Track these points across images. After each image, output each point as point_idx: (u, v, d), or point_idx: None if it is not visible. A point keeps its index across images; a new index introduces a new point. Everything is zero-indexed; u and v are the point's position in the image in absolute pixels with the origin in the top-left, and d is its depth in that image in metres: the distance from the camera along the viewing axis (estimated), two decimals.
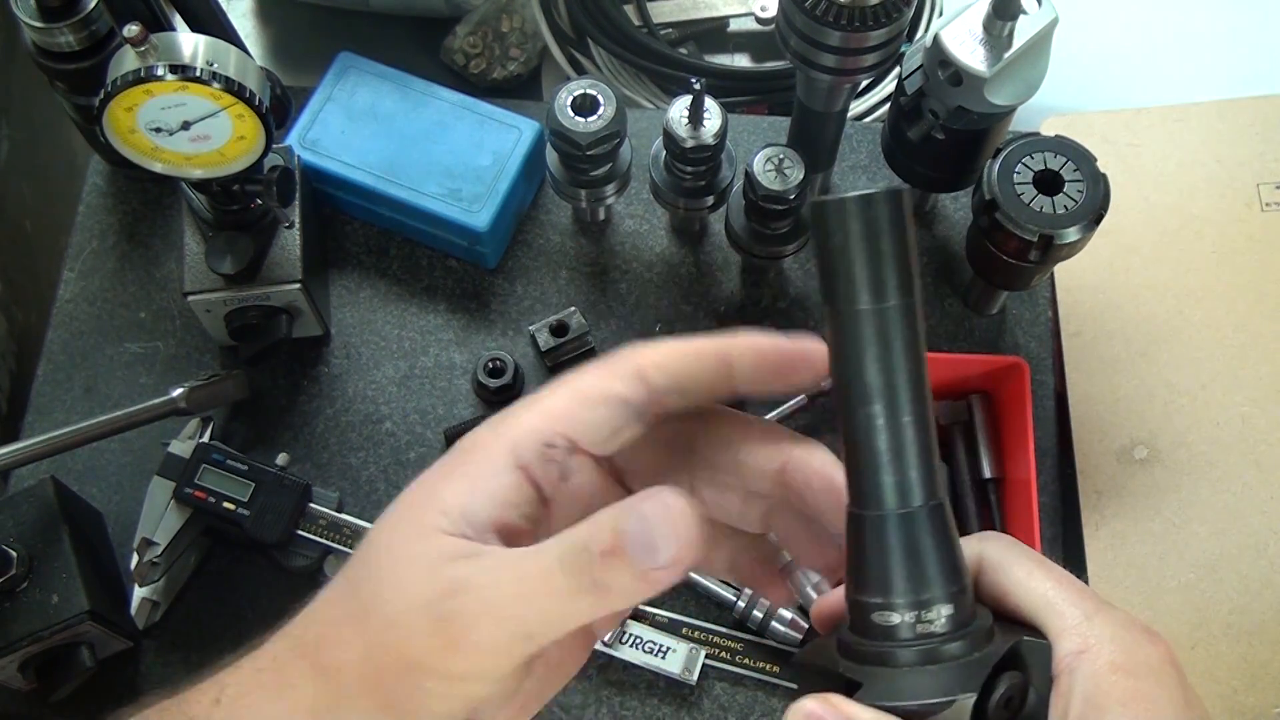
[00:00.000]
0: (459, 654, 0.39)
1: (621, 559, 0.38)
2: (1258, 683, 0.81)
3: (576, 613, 0.39)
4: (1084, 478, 0.87)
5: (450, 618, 0.39)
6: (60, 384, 0.90)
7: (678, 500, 0.38)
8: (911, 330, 0.38)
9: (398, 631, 0.40)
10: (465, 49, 1.08)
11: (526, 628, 0.39)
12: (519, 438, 0.42)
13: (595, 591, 0.38)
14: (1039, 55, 0.76)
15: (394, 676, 0.40)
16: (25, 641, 0.75)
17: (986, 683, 0.38)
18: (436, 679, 0.40)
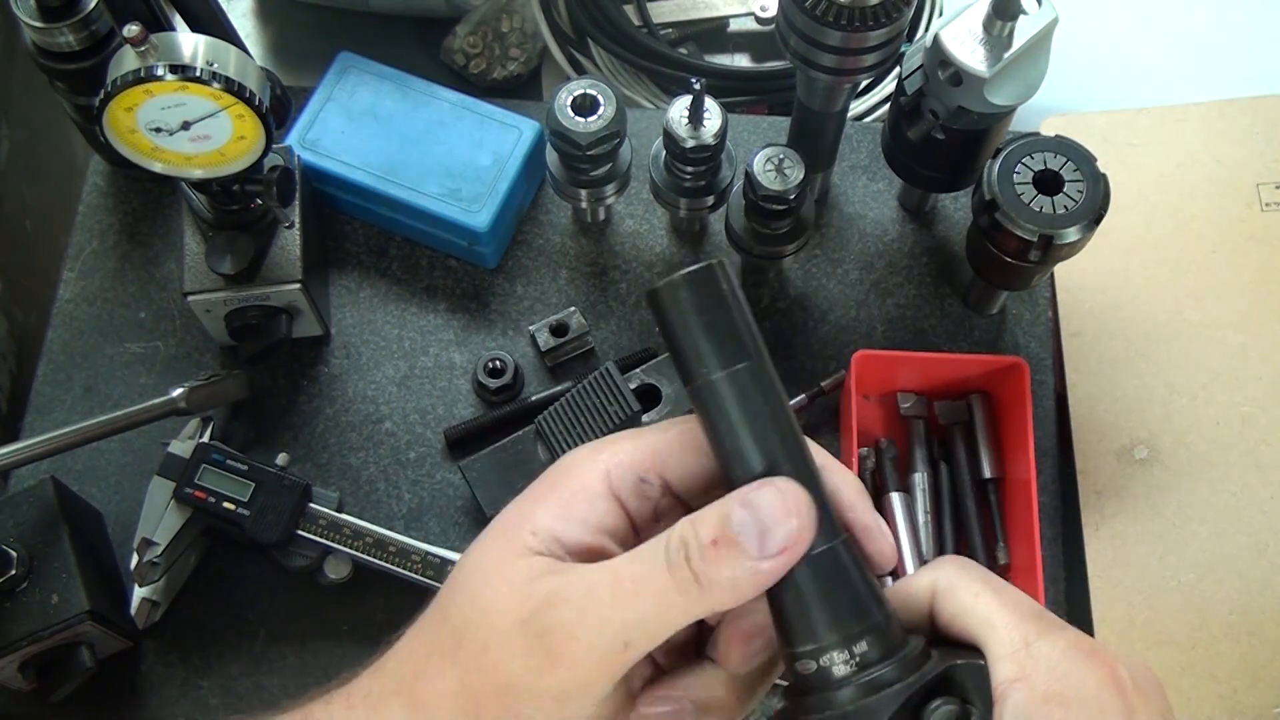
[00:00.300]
0: (557, 668, 0.38)
1: (729, 549, 0.37)
2: (1258, 683, 0.81)
3: (676, 612, 0.38)
4: (1084, 478, 0.87)
5: (546, 632, 0.38)
6: (60, 384, 0.90)
7: (790, 485, 0.38)
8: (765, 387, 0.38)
9: (491, 654, 0.39)
10: (465, 49, 1.08)
11: (625, 633, 0.38)
12: (615, 466, 0.41)
13: (697, 587, 0.37)
14: (1039, 55, 0.76)
15: (490, 703, 0.39)
16: (25, 641, 0.75)
17: (919, 707, 0.38)
18: (534, 699, 0.39)
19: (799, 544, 0.38)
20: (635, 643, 0.38)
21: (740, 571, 0.37)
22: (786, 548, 0.37)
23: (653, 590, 0.38)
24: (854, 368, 0.84)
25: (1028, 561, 0.81)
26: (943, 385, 0.88)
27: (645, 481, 0.41)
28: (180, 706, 0.82)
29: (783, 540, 0.37)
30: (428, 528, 0.86)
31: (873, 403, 0.90)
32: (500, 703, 0.39)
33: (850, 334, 0.92)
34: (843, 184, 0.97)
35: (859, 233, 0.95)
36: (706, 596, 0.38)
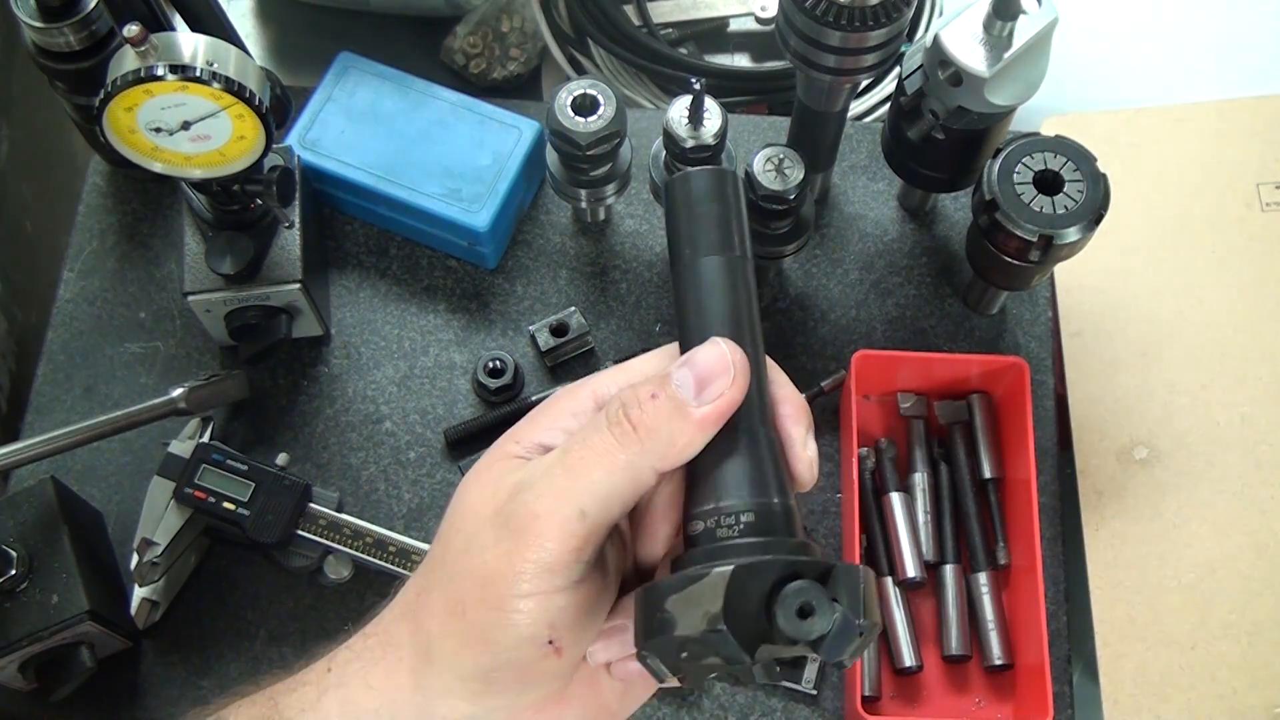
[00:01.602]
0: (524, 547, 0.40)
1: (667, 400, 0.39)
2: (1258, 683, 0.81)
3: (620, 470, 0.40)
4: (1084, 478, 0.87)
5: (511, 515, 0.41)
6: (60, 384, 0.90)
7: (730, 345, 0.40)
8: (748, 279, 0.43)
9: (471, 554, 0.41)
10: (465, 49, 1.08)
11: (578, 500, 0.40)
12: (599, 386, 0.44)
13: (636, 439, 0.39)
14: (1039, 55, 0.76)
15: (476, 603, 0.41)
16: (25, 641, 0.75)
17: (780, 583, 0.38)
18: (510, 584, 0.40)
19: (732, 395, 0.40)
20: (589, 510, 0.40)
21: (676, 420, 0.39)
22: (721, 395, 0.39)
23: (596, 452, 0.40)
24: (854, 368, 0.84)
25: (1028, 561, 0.81)
26: (943, 385, 0.88)
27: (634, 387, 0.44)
28: (180, 706, 0.82)
29: (718, 389, 0.39)
30: (428, 528, 0.86)
31: (873, 403, 0.90)
32: (482, 597, 0.41)
33: (850, 334, 0.92)
34: (843, 184, 0.97)
35: (859, 233, 0.95)
36: (646, 447, 0.40)
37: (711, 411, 0.40)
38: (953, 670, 0.84)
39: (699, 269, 0.42)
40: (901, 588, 0.83)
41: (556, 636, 0.41)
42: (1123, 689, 0.82)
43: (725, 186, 0.43)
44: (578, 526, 0.40)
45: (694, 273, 0.42)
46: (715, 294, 0.42)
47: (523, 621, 0.41)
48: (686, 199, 0.43)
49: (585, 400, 0.44)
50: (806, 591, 0.37)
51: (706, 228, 0.43)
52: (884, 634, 0.83)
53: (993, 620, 0.83)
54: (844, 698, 0.82)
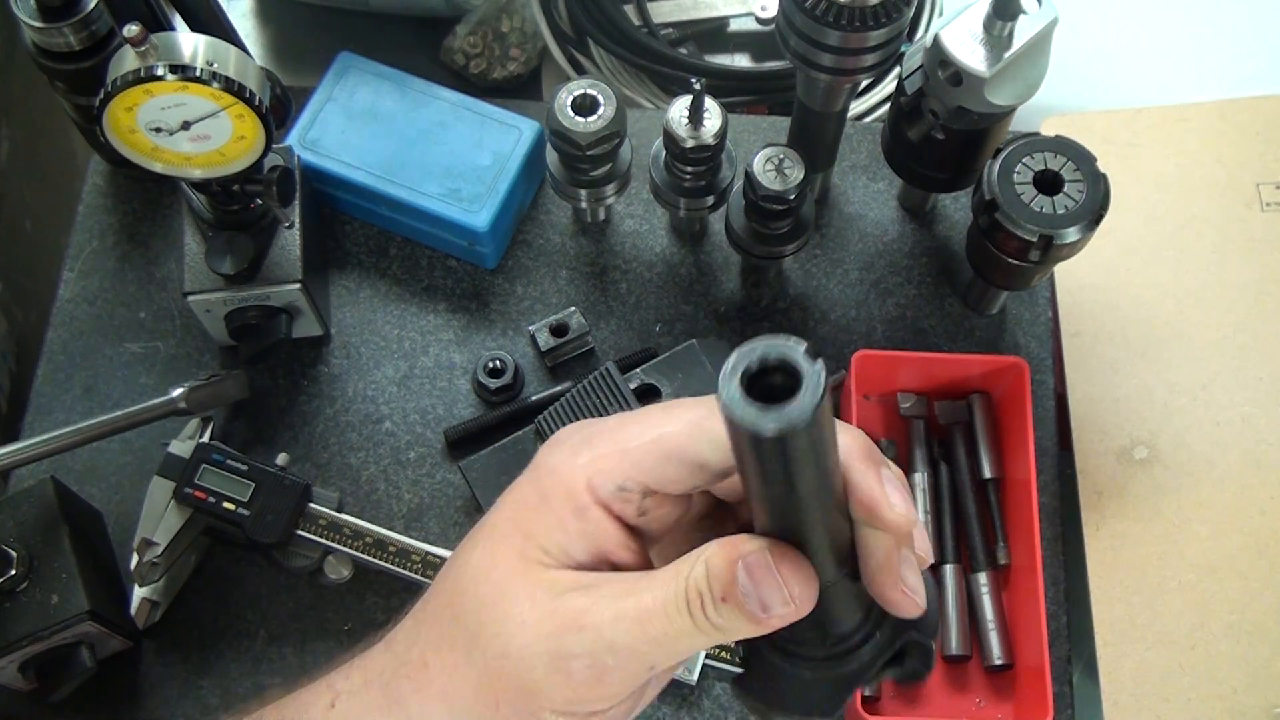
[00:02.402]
0: (580, 690, 0.41)
1: (737, 607, 0.40)
2: (1258, 683, 0.81)
3: (696, 647, 0.41)
4: (1084, 478, 0.87)
5: (572, 656, 0.41)
6: (60, 384, 0.90)
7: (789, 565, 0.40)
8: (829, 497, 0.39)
9: (516, 664, 0.41)
10: (465, 49, 1.08)
11: (650, 660, 0.41)
12: (595, 479, 0.43)
13: (715, 631, 0.41)
14: (1039, 55, 0.76)
15: (509, 706, 0.42)
16: (25, 641, 0.75)
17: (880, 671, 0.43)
18: (555, 705, 0.41)
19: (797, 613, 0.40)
20: (659, 666, 0.42)
21: (747, 625, 0.40)
22: (784, 616, 0.40)
23: (675, 629, 0.40)
24: (854, 368, 0.84)
25: (1028, 561, 0.81)
26: (943, 385, 0.88)
27: (624, 489, 0.43)
28: (180, 706, 0.82)
29: (779, 610, 0.40)
30: (428, 528, 0.86)
31: (873, 403, 0.90)
32: (519, 703, 0.42)
33: (850, 334, 0.92)
34: (843, 184, 0.97)
35: (859, 233, 0.95)
36: (723, 638, 0.41)
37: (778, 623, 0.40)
38: (953, 670, 0.84)
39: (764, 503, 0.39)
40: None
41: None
42: (1123, 689, 0.82)
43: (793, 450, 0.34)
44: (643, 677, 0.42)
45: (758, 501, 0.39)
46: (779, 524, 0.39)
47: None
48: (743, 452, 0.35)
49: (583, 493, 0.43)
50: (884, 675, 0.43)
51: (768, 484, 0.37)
52: None
53: (993, 620, 0.83)
54: None
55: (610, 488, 0.42)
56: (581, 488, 0.42)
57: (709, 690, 0.82)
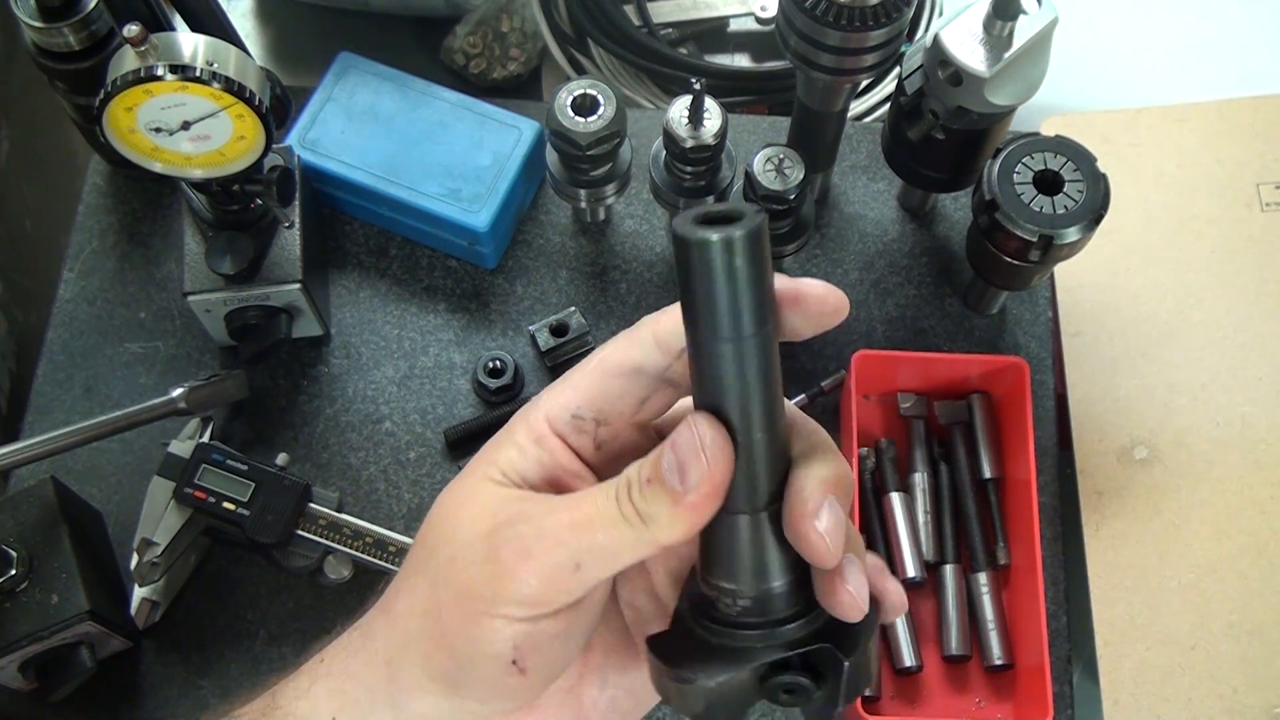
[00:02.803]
0: (510, 579, 0.41)
1: (660, 486, 0.40)
2: (1258, 683, 0.81)
3: (625, 545, 0.41)
4: (1084, 478, 0.87)
5: (505, 543, 0.42)
6: (60, 384, 0.90)
7: (706, 424, 0.40)
8: (762, 361, 0.40)
9: (456, 565, 0.43)
10: (465, 49, 1.08)
11: (578, 556, 0.41)
12: (552, 410, 0.45)
13: (640, 521, 0.41)
14: (1039, 55, 0.76)
15: (451, 611, 0.42)
16: (25, 641, 0.75)
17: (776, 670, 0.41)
18: (489, 605, 0.41)
19: (713, 478, 0.40)
20: (586, 566, 0.41)
21: (668, 507, 0.40)
22: (702, 482, 0.40)
23: (604, 521, 0.41)
24: (854, 368, 0.84)
25: (1028, 561, 0.81)
26: (943, 385, 0.88)
27: (578, 417, 0.45)
28: (180, 706, 0.82)
29: (696, 476, 0.40)
30: None
31: (873, 403, 0.90)
32: (460, 607, 0.42)
33: (850, 334, 0.92)
34: (843, 184, 0.97)
35: (859, 233, 0.95)
36: (649, 530, 0.41)
37: (698, 499, 0.40)
38: (953, 670, 0.84)
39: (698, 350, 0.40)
40: (901, 588, 0.83)
41: (521, 659, 0.42)
42: (1123, 689, 0.82)
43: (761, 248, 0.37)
44: (570, 576, 0.41)
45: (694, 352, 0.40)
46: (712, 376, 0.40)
47: (488, 640, 0.42)
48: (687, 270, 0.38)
49: (541, 424, 0.45)
50: (789, 683, 0.41)
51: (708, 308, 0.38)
52: (884, 634, 0.83)
53: (993, 620, 0.83)
54: None
55: (565, 417, 0.44)
56: (540, 418, 0.45)
57: None
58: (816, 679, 0.41)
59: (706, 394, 0.40)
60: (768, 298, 0.39)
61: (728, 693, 0.41)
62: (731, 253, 0.37)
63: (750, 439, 0.40)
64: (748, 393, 0.40)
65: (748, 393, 0.40)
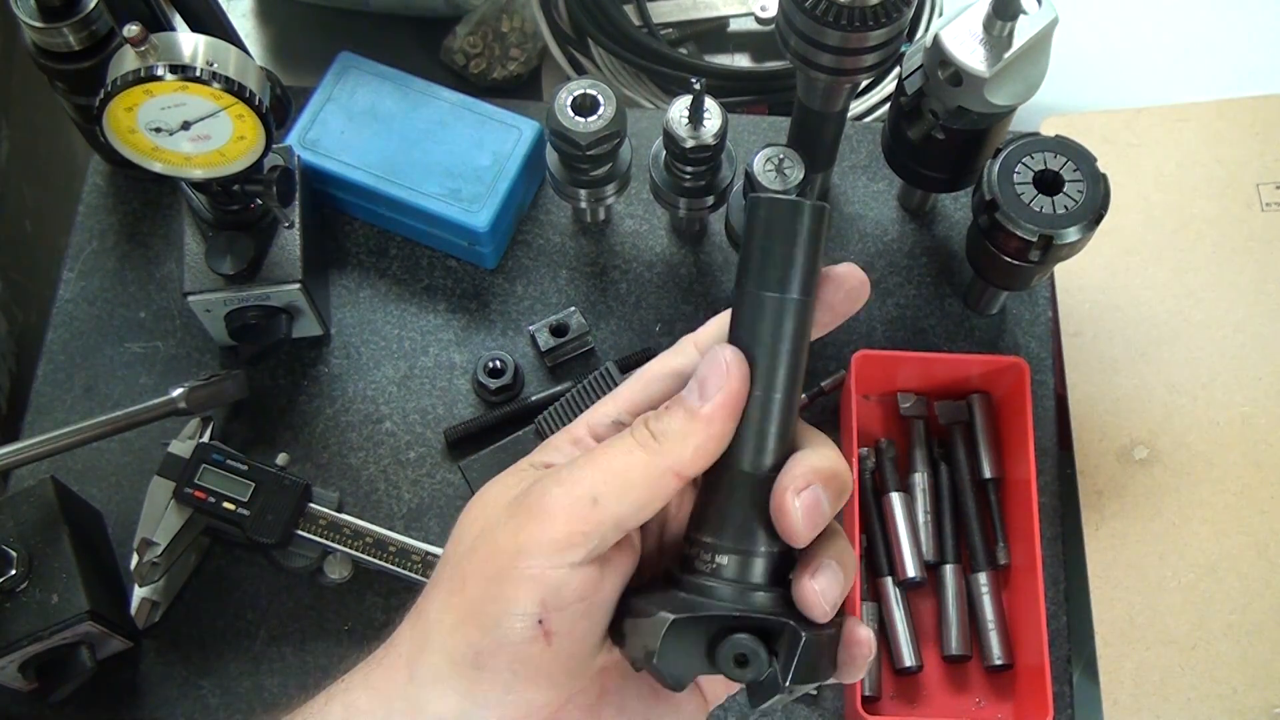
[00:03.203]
0: (531, 524, 0.42)
1: (678, 406, 0.42)
2: (1258, 683, 0.81)
3: (638, 468, 0.42)
4: (1084, 478, 0.87)
5: (525, 497, 0.43)
6: (60, 384, 0.90)
7: (732, 352, 0.42)
8: (797, 324, 0.43)
9: (480, 540, 0.43)
10: (465, 49, 1.08)
11: (594, 488, 0.42)
12: (594, 419, 0.47)
13: (654, 441, 0.42)
14: (1039, 55, 0.76)
15: (475, 577, 0.43)
16: (25, 641, 0.75)
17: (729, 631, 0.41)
18: (512, 558, 0.42)
19: (730, 388, 0.42)
20: (603, 498, 0.42)
21: (686, 420, 0.42)
22: (720, 394, 0.42)
23: (619, 449, 0.43)
24: (854, 368, 0.84)
25: (1028, 561, 0.81)
26: (943, 385, 0.88)
27: (619, 422, 0.46)
28: (180, 706, 0.82)
29: (715, 387, 0.42)
30: (428, 528, 0.86)
31: (873, 403, 0.90)
32: (485, 571, 0.42)
33: (850, 334, 0.92)
34: (843, 184, 0.97)
35: (859, 233, 0.95)
36: (663, 448, 0.42)
37: (715, 407, 0.42)
38: (953, 670, 0.84)
39: (743, 297, 0.43)
40: (901, 588, 0.83)
41: (547, 618, 0.41)
42: (1123, 689, 0.82)
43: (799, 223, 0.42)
44: (589, 511, 0.41)
45: (739, 299, 0.43)
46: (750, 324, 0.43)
47: (514, 598, 0.41)
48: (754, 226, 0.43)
49: (582, 433, 0.47)
50: (744, 644, 0.41)
51: (763, 261, 0.42)
52: (884, 634, 0.83)
53: (993, 620, 0.83)
54: (844, 698, 0.82)
55: (606, 423, 0.46)
56: (581, 427, 0.47)
57: None
58: (770, 654, 0.41)
59: (740, 340, 0.43)
60: (816, 272, 0.43)
61: (682, 639, 0.41)
62: (799, 217, 0.42)
63: (769, 396, 0.43)
64: (778, 351, 0.42)
65: (778, 351, 0.42)
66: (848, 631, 0.44)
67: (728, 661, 0.41)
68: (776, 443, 0.43)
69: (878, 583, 0.84)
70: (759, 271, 0.42)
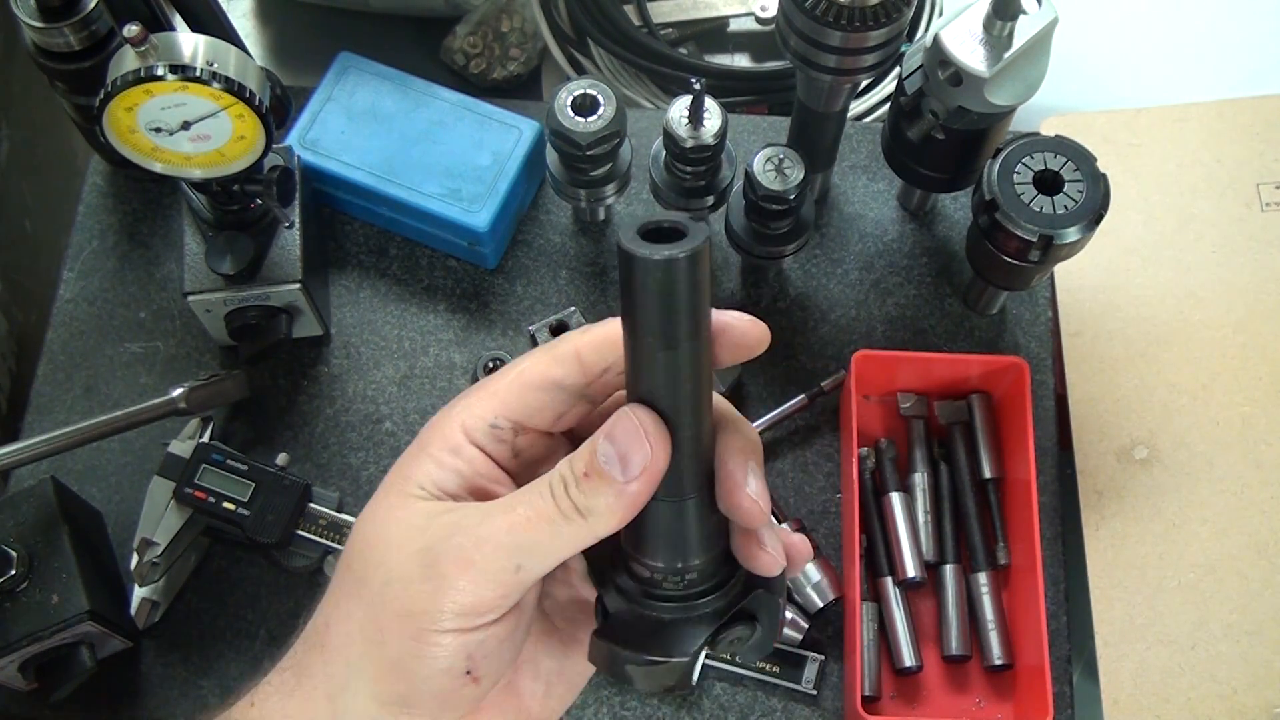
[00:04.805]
0: (452, 590, 0.41)
1: (599, 477, 0.41)
2: (1258, 683, 0.81)
3: (564, 539, 0.42)
4: (1084, 478, 0.87)
5: (441, 557, 0.42)
6: (60, 384, 0.90)
7: (646, 414, 0.41)
8: (695, 366, 0.41)
9: (393, 588, 0.42)
10: (465, 49, 1.08)
11: (517, 557, 0.42)
12: (468, 420, 0.45)
13: (579, 516, 0.42)
14: (1039, 55, 0.76)
15: (395, 634, 0.42)
16: (25, 641, 0.75)
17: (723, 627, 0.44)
18: (433, 620, 0.42)
19: (655, 465, 0.41)
20: (527, 566, 0.42)
21: (610, 497, 0.41)
22: (645, 469, 0.41)
23: (542, 519, 0.42)
24: (854, 368, 0.84)
25: (1028, 561, 0.81)
26: (943, 385, 0.88)
27: (495, 426, 0.45)
28: (180, 706, 0.82)
29: (640, 463, 0.41)
30: None
31: (873, 403, 0.90)
32: (405, 629, 0.42)
33: (850, 334, 0.92)
34: (843, 184, 0.97)
35: (859, 233, 0.95)
36: (588, 523, 0.42)
37: (640, 486, 0.41)
38: (953, 670, 0.84)
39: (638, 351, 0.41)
40: (901, 588, 0.83)
41: (474, 667, 0.42)
42: (1123, 689, 0.82)
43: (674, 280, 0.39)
44: (513, 579, 0.42)
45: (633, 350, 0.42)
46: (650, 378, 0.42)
47: (442, 655, 0.42)
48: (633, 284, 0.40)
49: (457, 435, 0.45)
50: (739, 633, 0.44)
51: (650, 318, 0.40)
52: (884, 634, 0.83)
53: (993, 620, 0.83)
54: (844, 698, 0.82)
55: (483, 426, 0.45)
56: (456, 429, 0.45)
57: (709, 690, 0.82)
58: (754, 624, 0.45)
59: (642, 393, 0.42)
60: (703, 312, 0.41)
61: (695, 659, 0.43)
62: (672, 273, 0.38)
63: (681, 435, 0.42)
64: (679, 394, 0.42)
65: (679, 394, 0.42)
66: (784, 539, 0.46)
67: (727, 649, 0.44)
68: (699, 466, 0.43)
69: (878, 583, 0.84)
70: (645, 328, 0.40)
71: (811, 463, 0.89)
